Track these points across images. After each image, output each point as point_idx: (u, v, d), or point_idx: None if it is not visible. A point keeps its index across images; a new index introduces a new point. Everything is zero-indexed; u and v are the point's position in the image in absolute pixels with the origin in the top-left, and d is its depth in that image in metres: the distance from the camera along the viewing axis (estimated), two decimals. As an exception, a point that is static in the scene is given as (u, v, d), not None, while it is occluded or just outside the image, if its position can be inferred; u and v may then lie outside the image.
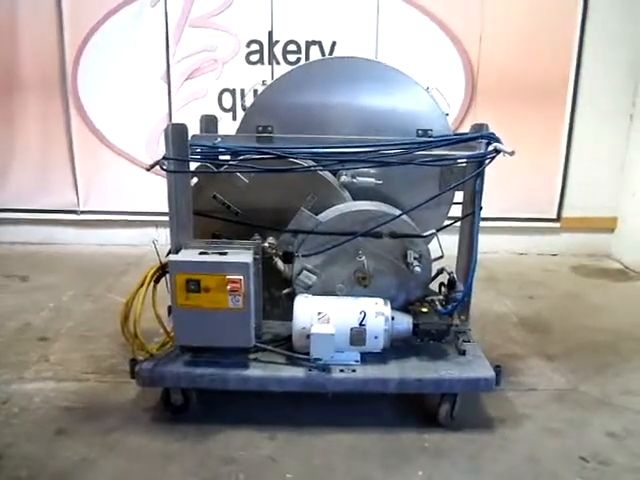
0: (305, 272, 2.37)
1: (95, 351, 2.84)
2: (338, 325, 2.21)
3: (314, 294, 2.35)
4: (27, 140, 4.48)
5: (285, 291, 2.42)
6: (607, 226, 4.69)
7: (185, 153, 2.14)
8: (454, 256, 2.55)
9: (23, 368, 2.66)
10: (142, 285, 2.15)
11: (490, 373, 2.21)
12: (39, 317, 3.25)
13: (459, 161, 2.36)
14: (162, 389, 2.30)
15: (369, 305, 2.26)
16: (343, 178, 2.39)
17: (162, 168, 2.11)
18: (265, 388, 2.20)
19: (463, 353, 2.34)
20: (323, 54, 4.21)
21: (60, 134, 4.45)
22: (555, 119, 4.43)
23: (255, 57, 4.26)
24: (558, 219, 4.67)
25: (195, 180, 2.42)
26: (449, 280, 2.43)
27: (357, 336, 2.22)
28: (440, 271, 2.53)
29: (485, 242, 4.54)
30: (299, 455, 2.10)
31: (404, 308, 2.41)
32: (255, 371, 2.20)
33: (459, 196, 2.51)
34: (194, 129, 2.65)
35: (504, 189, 4.37)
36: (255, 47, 4.24)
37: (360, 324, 2.22)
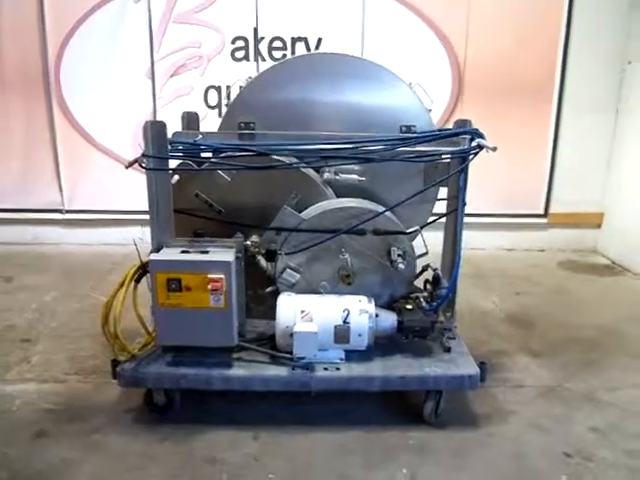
0: (288, 270, 2.35)
1: (78, 352, 2.81)
2: (322, 323, 2.19)
3: (298, 292, 2.33)
4: (10, 139, 4.42)
5: (268, 289, 2.40)
6: (594, 221, 4.71)
7: (164, 151, 2.11)
8: (441, 253, 2.54)
9: (5, 370, 2.62)
10: (122, 285, 2.12)
11: (475, 370, 2.21)
12: (22, 318, 3.21)
13: (443, 157, 2.34)
14: (145, 389, 2.27)
15: (353, 303, 2.25)
16: (326, 175, 2.37)
17: (141, 166, 2.08)
18: (248, 388, 2.18)
19: (448, 350, 2.34)
20: (309, 50, 4.19)
21: (44, 133, 4.40)
22: (542, 115, 4.43)
23: (240, 54, 4.23)
24: (545, 215, 4.68)
25: (177, 178, 2.40)
26: (433, 277, 2.43)
27: (341, 334, 2.21)
28: (425, 268, 2.53)
29: (472, 238, 4.62)
30: (282, 454, 2.09)
31: (389, 305, 2.41)
32: (238, 371, 2.18)
33: (444, 192, 2.51)
34: (179, 126, 2.63)
35: (491, 185, 4.39)
36: (240, 43, 4.21)
37: (344, 322, 2.21)
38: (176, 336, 2.17)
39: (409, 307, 2.35)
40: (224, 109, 4.15)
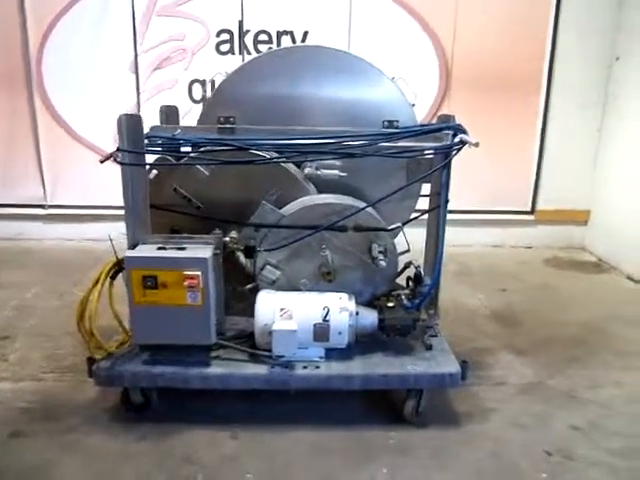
0: (268, 267, 2.32)
1: (56, 349, 2.76)
2: (301, 321, 2.16)
3: (279, 289, 2.30)
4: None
5: (249, 286, 2.36)
6: (581, 218, 4.71)
7: (140, 145, 2.06)
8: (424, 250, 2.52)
9: (-17, 366, 2.58)
10: (97, 282, 2.08)
11: (456, 368, 2.18)
12: (1, 315, 3.16)
13: (425, 153, 2.31)
14: (122, 388, 2.23)
15: (333, 300, 2.22)
16: (307, 170, 2.33)
17: (116, 161, 2.03)
18: (227, 386, 2.15)
19: (429, 348, 2.31)
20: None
21: (26, 127, 4.32)
22: (529, 111, 4.42)
23: (226, 47, 4.17)
24: (532, 212, 4.68)
25: (155, 172, 2.35)
26: (415, 274, 2.40)
27: (321, 332, 2.18)
28: (407, 265, 2.50)
29: (459, 235, 4.61)
30: (261, 454, 2.06)
31: (370, 303, 2.38)
32: (216, 369, 2.15)
33: (427, 189, 2.49)
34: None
35: (478, 181, 4.38)
36: (225, 37, 4.15)
37: (323, 320, 2.18)
38: (152, 334, 2.13)
39: (390, 305, 2.32)
40: (209, 103, 4.09)
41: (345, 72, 2.41)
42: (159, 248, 2.10)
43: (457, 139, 2.25)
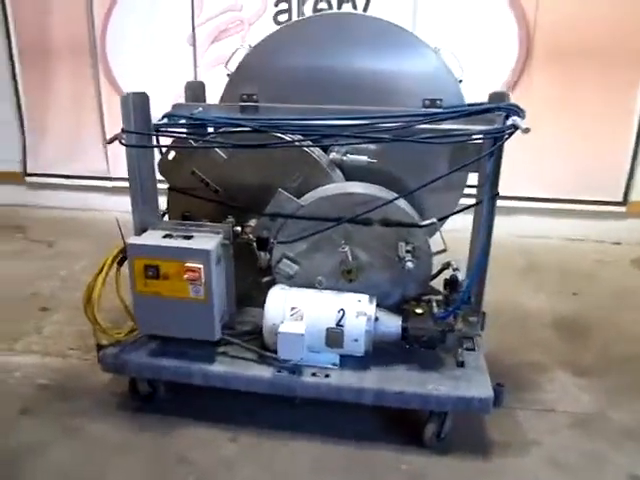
0: (285, 260, 2.12)
1: (87, 326, 2.77)
2: (313, 323, 1.96)
3: (297, 285, 2.11)
4: (60, 107, 4.49)
5: (265, 279, 2.19)
6: (684, 213, 4.02)
7: (147, 125, 1.93)
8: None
9: (15, 339, 2.65)
10: (102, 269, 2.01)
11: (487, 392, 1.88)
12: (49, 286, 3.26)
13: (467, 138, 1.97)
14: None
15: (351, 303, 1.98)
16: (333, 155, 2.08)
17: (121, 142, 1.91)
18: (229, 386, 2.01)
19: (461, 365, 2.02)
20: (356, 12, 3.81)
21: (91, 100, 4.42)
22: (626, 88, 3.76)
23: (284, 17, 3.93)
24: (624, 203, 4.04)
25: (173, 153, 2.23)
26: (450, 278, 2.10)
27: (334, 337, 1.96)
28: (446, 266, 2.19)
29: (533, 225, 4.12)
30: (258, 461, 1.92)
31: (398, 307, 2.12)
32: (219, 367, 2.01)
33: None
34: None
35: (559, 165, 3.87)
36: (284, 6, 3.91)
37: (337, 324, 1.96)
38: (156, 325, 2.03)
39: (419, 311, 2.04)
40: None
41: (381, 42, 2.10)
42: (165, 236, 1.98)
43: (509, 122, 1.88)
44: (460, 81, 2.10)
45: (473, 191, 2.18)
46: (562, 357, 2.58)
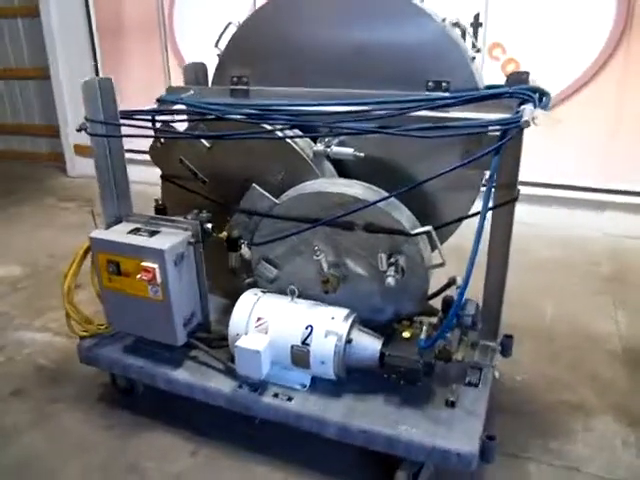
0: (264, 263, 1.90)
1: (104, 308, 2.81)
2: (277, 339, 1.73)
3: (280, 290, 1.88)
4: (132, 78, 4.62)
5: (247, 281, 1.99)
6: None
7: (112, 113, 1.79)
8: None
9: (37, 315, 2.75)
10: (73, 263, 1.95)
11: (470, 446, 1.52)
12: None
13: (466, 131, 1.57)
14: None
15: (321, 319, 1.72)
16: (316, 148, 1.79)
17: (86, 131, 1.79)
18: (190, 394, 1.86)
19: (451, 404, 1.67)
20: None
21: (159, 72, 4.50)
22: None
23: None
24: None
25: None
26: (444, 299, 1.73)
27: (299, 357, 1.72)
28: (452, 282, 1.82)
29: (632, 223, 3.42)
30: (210, 482, 1.76)
31: (390, 325, 1.82)
32: (182, 374, 1.87)
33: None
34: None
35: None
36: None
37: (303, 342, 1.71)
38: (124, 323, 1.94)
39: (406, 335, 1.72)
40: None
41: (381, 14, 1.73)
42: (132, 230, 1.85)
43: (523, 110, 1.45)
44: (473, 59, 1.67)
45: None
46: (617, 400, 2.07)
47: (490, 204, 1.69)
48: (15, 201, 4.55)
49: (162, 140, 2.08)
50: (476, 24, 3.60)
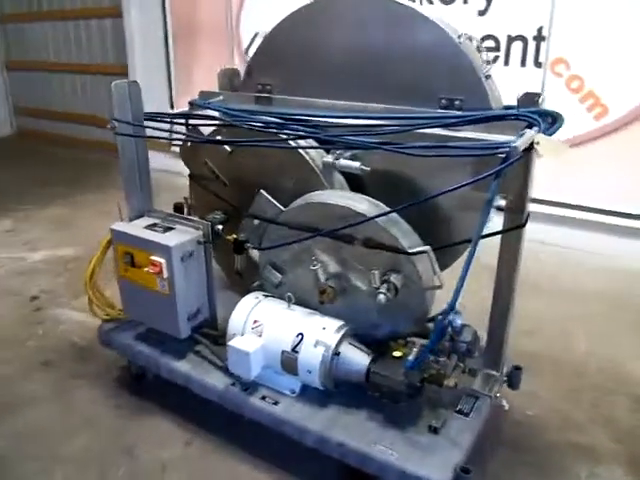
0: (269, 267, 1.95)
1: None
2: (270, 343, 1.78)
3: (281, 296, 1.92)
4: (201, 78, 4.87)
5: (255, 284, 2.05)
6: None
7: (139, 115, 1.91)
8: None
9: (77, 296, 2.95)
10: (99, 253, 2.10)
11: (439, 476, 1.48)
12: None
13: (462, 154, 1.52)
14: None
15: (313, 328, 1.74)
16: (325, 159, 1.81)
17: (113, 131, 1.92)
18: (189, 386, 1.94)
19: (434, 431, 1.63)
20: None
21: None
22: None
23: None
24: None
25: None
26: (435, 322, 1.68)
27: (288, 363, 1.75)
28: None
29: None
30: (195, 475, 1.82)
31: (386, 342, 1.80)
32: (184, 365, 1.96)
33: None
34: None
35: None
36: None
37: (293, 349, 1.74)
38: (136, 311, 2.06)
39: (397, 354, 1.71)
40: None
41: (397, 28, 1.72)
42: (149, 225, 1.97)
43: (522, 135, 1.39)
44: (487, 77, 1.62)
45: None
46: (634, 450, 1.92)
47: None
48: (82, 189, 4.89)
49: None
50: (539, 38, 3.46)
